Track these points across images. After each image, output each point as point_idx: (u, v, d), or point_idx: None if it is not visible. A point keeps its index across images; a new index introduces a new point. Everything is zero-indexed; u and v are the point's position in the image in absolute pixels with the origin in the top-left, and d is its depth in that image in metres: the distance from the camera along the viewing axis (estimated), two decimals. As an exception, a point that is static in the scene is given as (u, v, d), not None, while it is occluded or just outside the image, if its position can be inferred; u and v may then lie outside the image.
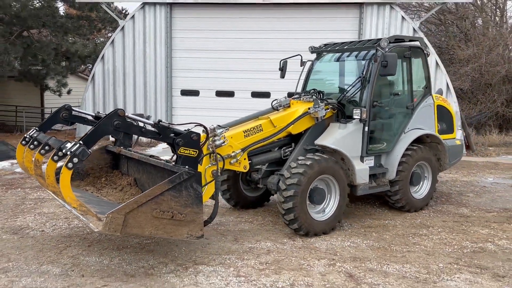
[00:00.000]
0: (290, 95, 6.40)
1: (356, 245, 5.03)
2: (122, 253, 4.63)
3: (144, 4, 13.53)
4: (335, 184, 5.40)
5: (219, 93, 13.63)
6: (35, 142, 4.53)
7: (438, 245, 5.06)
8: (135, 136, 4.74)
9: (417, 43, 6.50)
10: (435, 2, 13.25)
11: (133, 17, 13.71)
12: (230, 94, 13.59)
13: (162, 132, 4.25)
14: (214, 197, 4.76)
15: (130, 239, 5.05)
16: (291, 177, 5.03)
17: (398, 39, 6.31)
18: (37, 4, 14.74)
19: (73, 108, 4.70)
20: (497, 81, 17.61)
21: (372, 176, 5.97)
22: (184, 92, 13.72)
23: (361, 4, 12.64)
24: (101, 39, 24.19)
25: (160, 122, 4.24)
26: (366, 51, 6.07)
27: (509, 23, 20.53)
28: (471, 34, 19.39)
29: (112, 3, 18.21)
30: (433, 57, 12.45)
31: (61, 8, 17.39)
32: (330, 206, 5.42)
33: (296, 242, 5.06)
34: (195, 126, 4.36)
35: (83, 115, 4.82)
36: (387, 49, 5.70)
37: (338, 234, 5.38)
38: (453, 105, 12.31)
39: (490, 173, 9.68)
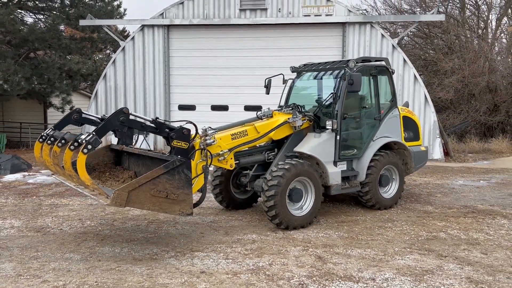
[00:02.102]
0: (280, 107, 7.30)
1: (328, 235, 5.92)
2: (130, 244, 5.52)
3: (143, 26, 14.59)
4: (311, 185, 6.27)
5: (214, 107, 14.61)
6: (52, 139, 5.29)
7: (398, 235, 5.96)
8: (139, 138, 5.57)
9: (382, 63, 7.51)
10: (411, 21, 14.30)
11: (133, 38, 14.75)
12: (224, 108, 14.58)
13: (159, 127, 5.07)
14: (201, 190, 5.59)
15: (137, 234, 5.94)
16: (272, 179, 5.91)
17: (365, 60, 7.31)
18: (44, 28, 15.78)
19: (82, 111, 5.57)
20: (480, 92, 18.62)
21: (345, 178, 6.88)
22: (182, 107, 14.70)
23: (343, 23, 13.71)
24: (100, 56, 25.27)
25: (157, 119, 5.09)
26: (338, 71, 6.99)
27: (490, 36, 21.64)
28: (454, 47, 20.47)
29: (113, 25, 19.27)
30: (411, 71, 13.48)
31: (63, 29, 18.46)
32: (307, 204, 6.30)
33: (277, 234, 5.95)
34: (186, 123, 5.25)
35: (91, 117, 5.62)
36: (354, 69, 6.65)
37: (314, 227, 6.27)
38: (431, 115, 13.34)
39: (462, 176, 10.60)
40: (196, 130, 5.46)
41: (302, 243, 5.60)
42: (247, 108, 14.41)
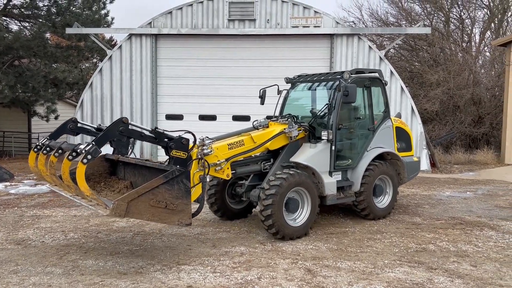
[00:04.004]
0: (268, 118, 7.32)
1: (318, 247, 5.84)
2: (115, 257, 5.36)
3: (130, 35, 14.49)
4: (307, 195, 6.24)
5: (202, 117, 14.52)
6: (48, 148, 5.23)
7: (387, 247, 5.91)
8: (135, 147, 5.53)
9: (375, 74, 7.58)
10: (397, 33, 14.48)
11: (120, 47, 14.63)
12: (212, 118, 14.50)
13: (158, 137, 5.07)
14: (199, 200, 5.50)
15: (121, 246, 5.78)
16: (270, 189, 5.87)
17: (359, 71, 7.38)
18: (29, 36, 15.55)
19: (78, 120, 5.52)
20: (464, 103, 18.89)
21: (340, 189, 6.87)
22: (169, 117, 14.57)
23: (331, 35, 13.82)
24: (87, 65, 25.01)
25: (156, 129, 5.10)
26: (332, 82, 7.03)
27: (474, 50, 22.06)
28: (440, 59, 20.79)
29: (101, 34, 19.14)
30: (398, 83, 13.61)
31: (49, 37, 18.23)
32: (303, 214, 6.27)
33: (266, 247, 5.85)
34: (185, 133, 5.23)
35: (87, 126, 5.57)
36: (348, 81, 6.68)
37: (303, 239, 6.19)
38: (418, 126, 13.45)
39: (449, 187, 10.66)
40: (195, 140, 5.44)
41: (291, 255, 5.51)
42: (235, 118, 14.36)
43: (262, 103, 7.61)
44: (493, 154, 15.67)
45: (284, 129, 6.58)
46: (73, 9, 16.62)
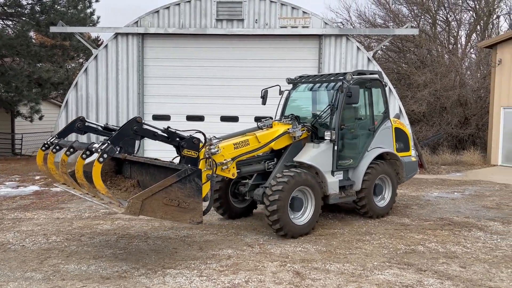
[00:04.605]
0: (256, 119, 7.33)
1: (306, 249, 5.75)
2: (98, 261, 5.19)
3: (117, 34, 14.26)
4: (311, 194, 6.35)
5: (190, 118, 14.35)
6: (57, 147, 5.27)
7: (377, 248, 5.85)
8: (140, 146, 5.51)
9: (376, 76, 7.68)
10: (385, 35, 14.52)
11: (106, 46, 14.40)
12: (200, 118, 14.34)
13: (170, 136, 5.14)
14: (205, 199, 5.52)
15: (105, 249, 5.62)
16: (277, 185, 5.97)
17: (360, 73, 7.48)
18: (12, 34, 15.22)
19: (86, 119, 5.54)
20: (451, 105, 19.04)
21: (341, 188, 6.97)
22: (156, 117, 14.37)
23: (320, 35, 13.78)
24: (72, 65, 24.64)
25: (169, 128, 5.16)
26: (333, 83, 7.12)
27: (460, 52, 22.27)
28: (427, 61, 20.94)
29: (86, 33, 18.84)
30: (386, 84, 13.61)
31: (33, 36, 17.88)
32: (307, 213, 6.36)
33: (254, 249, 5.74)
34: (196, 132, 5.32)
35: (94, 125, 5.59)
36: (351, 82, 6.77)
37: (292, 241, 6.09)
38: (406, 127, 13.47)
39: (437, 188, 10.68)
40: (205, 139, 5.52)
41: (279, 258, 5.40)
42: (223, 118, 14.23)
43: (264, 103, 7.69)
44: (479, 155, 15.79)
45: (288, 129, 6.70)
46: (58, 7, 16.33)
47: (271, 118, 7.23)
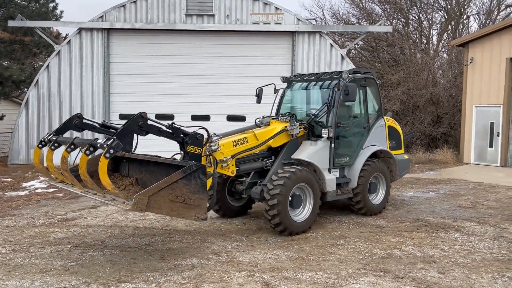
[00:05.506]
0: (229, 118, 7.10)
1: (277, 256, 5.36)
2: (44, 276, 4.65)
3: (80, 29, 13.56)
4: (310, 191, 6.36)
5: (159, 117, 13.72)
6: (56, 144, 5.15)
7: (351, 253, 5.51)
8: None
9: (371, 75, 7.63)
10: (359, 33, 14.33)
11: (69, 42, 13.66)
12: (170, 117, 13.73)
13: (175, 132, 5.08)
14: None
15: (55, 261, 5.07)
16: (274, 188, 5.93)
17: (355, 71, 7.41)
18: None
19: (83, 117, 5.40)
20: (424, 103, 19.08)
21: (337, 185, 6.98)
22: (123, 116, 13.73)
23: (293, 32, 13.45)
24: (40, 63, 23.54)
25: (173, 124, 5.12)
26: (329, 81, 7.15)
27: (432, 51, 22.43)
28: (400, 60, 20.96)
29: (48, 28, 17.93)
30: (360, 82, 13.41)
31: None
32: (306, 210, 6.37)
33: (221, 258, 5.30)
34: (199, 129, 5.36)
35: (91, 123, 5.49)
36: (346, 80, 6.72)
37: (261, 247, 5.69)
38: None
39: (411, 188, 10.49)
40: (208, 135, 5.55)
41: (247, 267, 4.99)
42: (194, 117, 13.72)
43: (259, 101, 7.67)
44: (452, 153, 15.81)
45: (286, 126, 6.69)
46: (18, 1, 15.43)
47: (244, 117, 7.08)
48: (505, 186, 10.56)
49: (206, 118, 13.59)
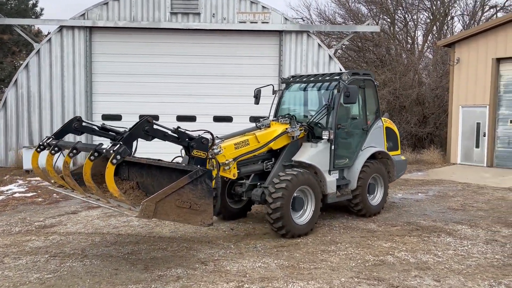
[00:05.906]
0: (215, 119, 6.89)
1: (267, 265, 5.13)
2: (18, 291, 4.34)
3: (61, 27, 13.13)
4: (311, 193, 6.34)
5: (143, 118, 13.39)
6: (56, 148, 5.05)
7: (343, 260, 5.32)
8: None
9: (369, 76, 7.58)
10: (347, 31, 14.21)
11: (49, 40, 13.22)
12: (154, 118, 13.35)
13: (180, 137, 5.02)
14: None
15: (30, 274, 4.76)
16: (280, 182, 5.92)
17: (354, 73, 7.34)
18: None
19: (83, 119, 5.32)
20: (410, 104, 19.09)
21: (337, 187, 6.95)
22: (106, 117, 13.33)
23: (280, 32, 13.24)
24: (21, 62, 22.89)
25: (179, 128, 5.05)
26: (328, 83, 7.11)
27: (417, 51, 22.50)
28: (386, 60, 20.96)
29: (28, 26, 17.38)
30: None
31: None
32: (307, 212, 6.34)
33: (207, 267, 5.06)
34: (204, 133, 5.29)
35: (90, 126, 5.43)
36: (346, 82, 6.71)
37: (250, 255, 5.46)
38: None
39: (400, 189, 10.39)
40: (213, 139, 5.51)
41: (236, 277, 4.75)
42: (180, 118, 13.39)
43: (257, 102, 7.63)
44: (439, 153, 15.81)
45: (287, 128, 6.66)
46: (-4, -3, 14.92)
47: (231, 117, 6.90)
48: (493, 187, 10.53)
49: (192, 118, 13.30)
